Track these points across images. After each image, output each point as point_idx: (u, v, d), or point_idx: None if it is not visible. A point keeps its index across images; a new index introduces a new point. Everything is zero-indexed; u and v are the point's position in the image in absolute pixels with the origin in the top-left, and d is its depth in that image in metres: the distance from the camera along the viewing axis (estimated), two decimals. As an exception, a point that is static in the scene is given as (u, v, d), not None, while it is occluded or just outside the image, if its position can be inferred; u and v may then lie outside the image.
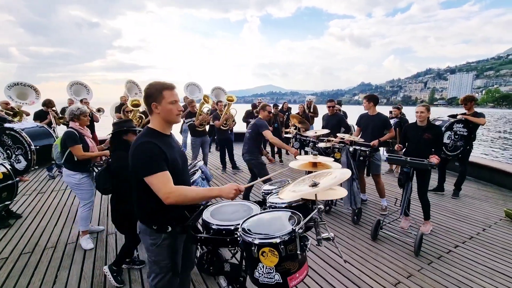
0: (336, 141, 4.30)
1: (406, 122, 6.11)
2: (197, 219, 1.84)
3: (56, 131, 5.87)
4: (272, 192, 2.33)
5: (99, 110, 6.90)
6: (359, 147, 3.99)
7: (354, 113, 4.84)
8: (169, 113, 1.61)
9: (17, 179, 3.94)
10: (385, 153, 6.14)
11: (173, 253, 1.68)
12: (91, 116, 6.10)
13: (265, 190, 2.51)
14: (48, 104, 5.99)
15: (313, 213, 1.56)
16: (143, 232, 1.68)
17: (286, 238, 1.44)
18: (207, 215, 1.92)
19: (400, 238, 3.45)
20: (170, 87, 1.61)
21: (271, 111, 4.45)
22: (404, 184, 3.41)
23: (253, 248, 1.46)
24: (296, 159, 2.59)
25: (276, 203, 2.06)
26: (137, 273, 2.80)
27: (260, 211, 1.92)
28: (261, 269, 1.47)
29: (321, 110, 7.40)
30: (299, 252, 1.44)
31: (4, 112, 5.68)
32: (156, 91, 1.59)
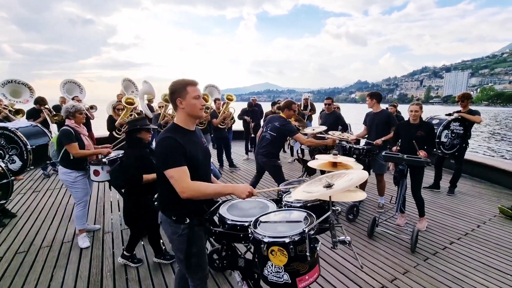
0: (337, 135, 4.32)
1: (402, 119, 6.15)
2: (214, 213, 1.90)
3: (52, 129, 5.79)
4: (289, 191, 2.30)
5: (92, 107, 6.82)
6: (353, 145, 4.01)
7: (351, 111, 4.85)
8: (193, 107, 1.68)
9: (12, 178, 3.88)
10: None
11: (196, 240, 1.75)
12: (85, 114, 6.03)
13: (282, 189, 2.45)
14: (41, 102, 5.82)
15: (326, 215, 1.53)
16: (164, 222, 1.77)
17: (296, 239, 1.43)
18: (223, 210, 1.94)
19: (396, 235, 3.48)
20: (193, 83, 1.69)
21: (296, 109, 4.08)
22: (399, 182, 3.43)
23: (263, 246, 1.46)
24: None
25: (292, 202, 2.05)
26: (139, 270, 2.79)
27: (276, 209, 1.92)
28: (270, 267, 1.47)
29: (318, 108, 7.41)
30: (308, 254, 1.42)
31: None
32: (180, 87, 1.67)
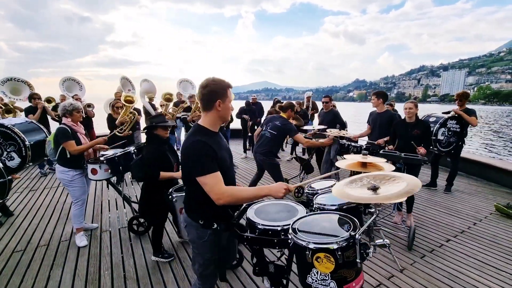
0: (335, 132, 4.33)
1: (399, 117, 6.18)
2: (240, 217, 1.86)
3: (52, 127, 5.76)
4: (318, 193, 2.21)
5: (89, 105, 6.79)
6: (350, 142, 4.03)
7: (349, 110, 4.86)
8: (227, 111, 1.64)
9: (9, 178, 3.86)
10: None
11: (217, 248, 1.71)
12: (85, 112, 6.00)
13: (309, 190, 2.38)
14: (34, 96, 5.78)
15: (370, 220, 1.49)
16: (190, 225, 1.72)
17: (344, 244, 1.36)
18: (251, 214, 1.86)
19: (393, 232, 3.50)
20: (231, 86, 1.65)
21: (299, 110, 4.26)
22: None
23: (307, 252, 1.38)
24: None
25: (325, 204, 1.95)
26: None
27: (307, 212, 1.83)
28: (314, 275, 1.39)
29: (320, 106, 7.42)
30: (358, 260, 1.37)
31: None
32: (222, 89, 1.59)
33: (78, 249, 3.14)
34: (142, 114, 6.03)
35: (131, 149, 3.50)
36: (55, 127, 3.78)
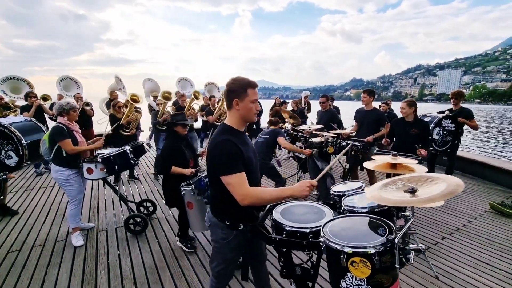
0: (328, 136, 4.34)
1: (394, 116, 6.22)
2: (265, 218, 1.86)
3: (48, 125, 5.72)
4: (346, 195, 2.15)
5: (88, 104, 6.73)
6: (351, 142, 4.03)
7: (348, 109, 4.87)
8: (248, 111, 1.61)
9: (4, 177, 3.82)
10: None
11: (240, 248, 1.73)
12: (84, 111, 5.95)
13: (335, 191, 2.30)
14: (29, 94, 5.74)
15: (408, 224, 1.42)
16: (214, 225, 1.71)
17: (381, 249, 1.31)
18: (277, 215, 1.80)
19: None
20: (254, 85, 1.61)
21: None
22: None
23: (342, 256, 1.33)
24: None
25: (355, 206, 1.89)
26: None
27: (335, 214, 1.77)
28: (349, 280, 1.34)
29: (314, 106, 7.42)
30: (397, 266, 1.31)
31: None
32: (240, 88, 1.58)
33: (74, 249, 3.12)
34: (146, 112, 6.02)
35: (127, 148, 3.48)
36: (51, 125, 3.75)
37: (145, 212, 3.97)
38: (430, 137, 4.53)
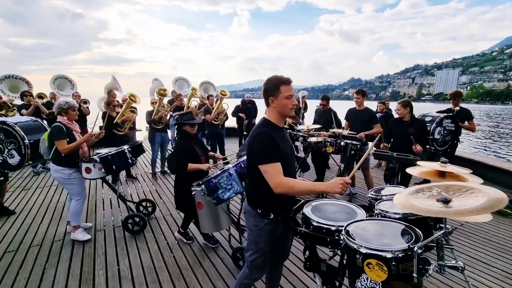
0: (327, 135, 4.34)
1: (391, 116, 6.24)
2: (297, 212, 1.89)
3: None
4: (382, 199, 2.12)
5: (85, 102, 6.69)
6: (350, 141, 4.04)
7: (346, 108, 4.88)
8: (284, 107, 1.69)
9: (2, 178, 3.80)
10: (373, 148, 6.27)
11: (272, 238, 1.80)
12: (81, 109, 5.92)
13: (372, 195, 2.29)
14: (25, 93, 5.69)
15: (437, 235, 1.35)
16: (248, 213, 1.83)
17: (400, 255, 1.28)
18: (307, 210, 1.86)
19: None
20: (287, 81, 1.68)
21: None
22: (390, 180, 3.48)
23: (358, 256, 1.35)
24: None
25: (387, 211, 1.85)
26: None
27: (366, 217, 1.77)
28: (364, 281, 1.34)
29: (312, 105, 7.43)
30: (415, 275, 1.26)
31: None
32: (273, 86, 1.68)
33: (72, 249, 3.10)
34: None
35: (125, 148, 3.46)
36: (47, 124, 3.72)
37: (145, 212, 3.96)
38: (431, 136, 4.56)
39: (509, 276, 2.71)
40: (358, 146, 3.99)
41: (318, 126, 4.99)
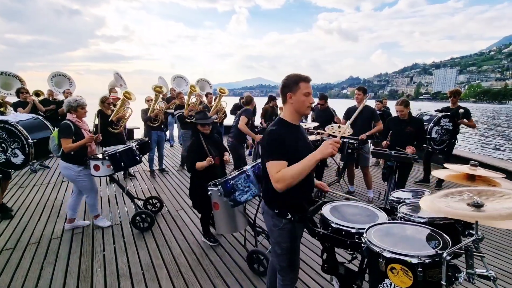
0: (325, 134, 4.34)
1: (389, 115, 6.26)
2: (315, 212, 1.86)
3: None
4: (405, 202, 2.06)
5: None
6: (347, 140, 4.04)
7: (345, 106, 4.87)
8: (301, 104, 1.68)
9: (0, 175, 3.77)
10: (372, 146, 6.29)
11: (294, 238, 1.77)
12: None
13: (395, 197, 2.22)
14: (21, 90, 5.63)
15: (467, 242, 1.27)
16: (267, 213, 1.82)
17: (427, 261, 1.22)
18: (326, 211, 1.82)
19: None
20: (307, 79, 1.68)
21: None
22: (388, 178, 3.49)
23: (381, 260, 1.29)
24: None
25: (412, 215, 1.79)
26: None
27: (388, 220, 1.71)
28: (387, 286, 1.29)
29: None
30: (444, 283, 1.19)
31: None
32: (292, 82, 1.67)
33: (70, 247, 3.09)
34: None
35: (133, 145, 3.48)
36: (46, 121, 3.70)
37: (152, 209, 3.96)
38: (429, 135, 4.57)
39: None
40: (355, 144, 4.00)
41: (316, 124, 4.99)
